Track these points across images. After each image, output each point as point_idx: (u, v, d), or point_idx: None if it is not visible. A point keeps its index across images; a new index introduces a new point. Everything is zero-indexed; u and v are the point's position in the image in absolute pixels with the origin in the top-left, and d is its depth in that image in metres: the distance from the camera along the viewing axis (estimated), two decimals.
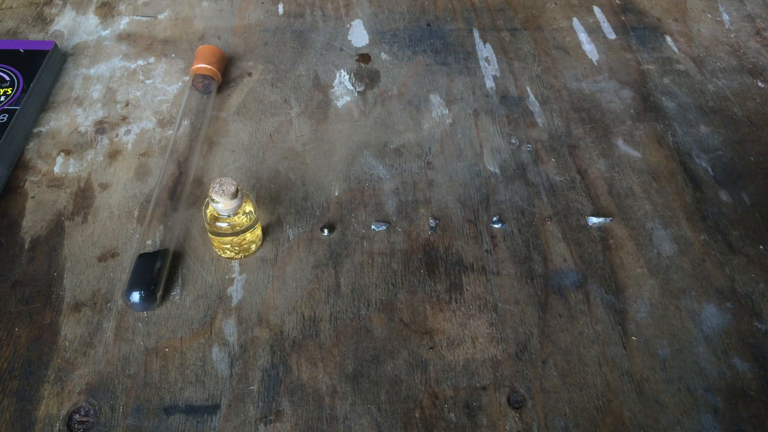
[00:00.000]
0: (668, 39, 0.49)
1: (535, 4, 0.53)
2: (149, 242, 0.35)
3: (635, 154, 0.41)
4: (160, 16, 0.50)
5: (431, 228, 0.37)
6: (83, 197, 0.38)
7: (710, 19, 0.51)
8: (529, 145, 0.42)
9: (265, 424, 0.30)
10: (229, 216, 0.32)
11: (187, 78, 0.45)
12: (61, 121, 0.42)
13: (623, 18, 0.51)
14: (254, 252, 0.36)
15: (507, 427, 0.30)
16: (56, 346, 0.32)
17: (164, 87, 0.45)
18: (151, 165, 0.40)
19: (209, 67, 0.43)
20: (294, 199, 0.38)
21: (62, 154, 0.40)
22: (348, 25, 0.50)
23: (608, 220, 0.37)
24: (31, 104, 0.42)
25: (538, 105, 0.44)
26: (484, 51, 0.48)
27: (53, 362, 0.31)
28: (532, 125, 0.43)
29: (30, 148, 0.41)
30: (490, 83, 0.46)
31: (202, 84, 0.43)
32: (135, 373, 0.31)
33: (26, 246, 0.36)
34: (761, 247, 0.36)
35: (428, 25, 0.50)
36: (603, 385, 0.31)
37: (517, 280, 0.35)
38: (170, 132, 0.42)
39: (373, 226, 0.37)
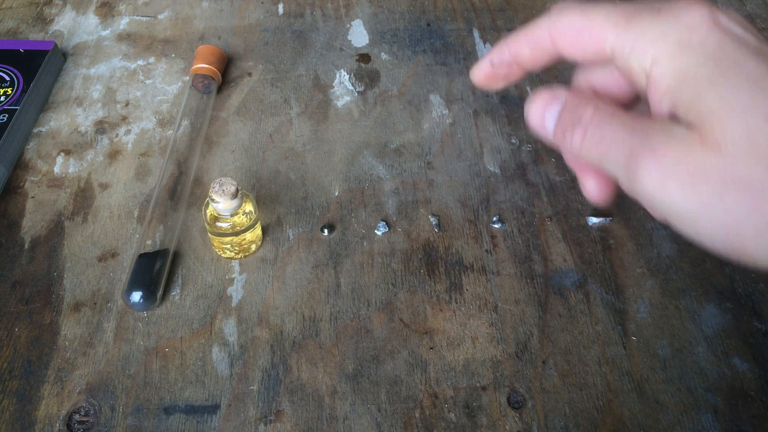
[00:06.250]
0: None
1: (535, 4, 0.53)
2: (149, 242, 0.35)
3: None
4: (160, 16, 0.50)
5: (436, 226, 0.37)
6: (83, 197, 0.38)
7: None
8: (530, 145, 0.42)
9: (265, 424, 0.30)
10: (229, 216, 0.32)
11: (187, 78, 0.45)
12: (61, 121, 0.42)
13: None
14: (254, 252, 0.36)
15: (507, 427, 0.30)
16: (56, 346, 0.32)
17: (164, 87, 0.45)
18: (151, 165, 0.40)
19: (209, 67, 0.43)
20: (294, 199, 0.38)
21: (62, 154, 0.40)
22: (348, 25, 0.50)
23: (608, 220, 0.37)
24: (31, 104, 0.42)
25: None
26: (484, 51, 0.48)
27: (53, 362, 0.31)
28: None
29: (30, 148, 0.41)
30: None
31: (202, 84, 0.43)
32: (135, 373, 0.31)
33: (26, 246, 0.36)
34: None
35: (428, 25, 0.50)
36: (603, 385, 0.31)
37: (517, 280, 0.35)
38: (170, 132, 0.42)
39: (376, 231, 0.37)
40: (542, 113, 0.29)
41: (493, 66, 0.32)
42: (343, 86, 0.45)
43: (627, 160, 0.24)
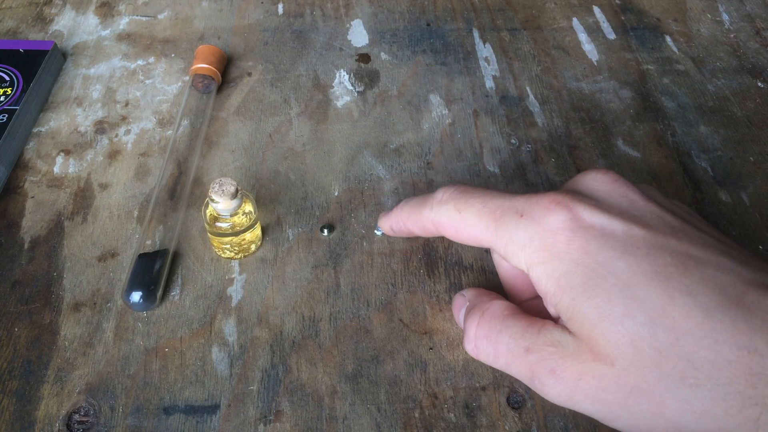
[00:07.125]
0: (668, 39, 0.49)
1: (535, 4, 0.53)
2: (149, 242, 0.35)
3: (635, 154, 0.41)
4: (160, 16, 0.50)
5: None
6: (83, 197, 0.38)
7: (710, 19, 0.51)
8: (529, 145, 0.42)
9: (265, 424, 0.30)
10: (229, 216, 0.32)
11: (187, 78, 0.45)
12: (60, 121, 0.42)
13: (623, 18, 0.51)
14: (254, 252, 0.36)
15: (506, 427, 0.30)
16: (56, 346, 0.32)
17: (164, 87, 0.45)
18: (151, 165, 0.40)
19: (209, 66, 0.43)
20: (294, 199, 0.38)
21: (62, 154, 0.40)
22: (348, 25, 0.50)
23: None
24: (30, 104, 0.42)
25: (537, 105, 0.44)
26: (484, 51, 0.48)
27: (53, 362, 0.31)
28: (532, 125, 0.43)
29: (30, 148, 0.41)
30: (489, 83, 0.46)
31: (202, 84, 0.43)
32: (135, 373, 0.31)
33: (26, 246, 0.36)
34: (761, 247, 0.36)
35: (428, 25, 0.50)
36: None
37: None
38: (170, 132, 0.42)
39: (376, 231, 0.37)
40: (458, 314, 0.31)
41: (394, 231, 0.34)
42: (342, 86, 0.45)
43: (531, 378, 0.26)
